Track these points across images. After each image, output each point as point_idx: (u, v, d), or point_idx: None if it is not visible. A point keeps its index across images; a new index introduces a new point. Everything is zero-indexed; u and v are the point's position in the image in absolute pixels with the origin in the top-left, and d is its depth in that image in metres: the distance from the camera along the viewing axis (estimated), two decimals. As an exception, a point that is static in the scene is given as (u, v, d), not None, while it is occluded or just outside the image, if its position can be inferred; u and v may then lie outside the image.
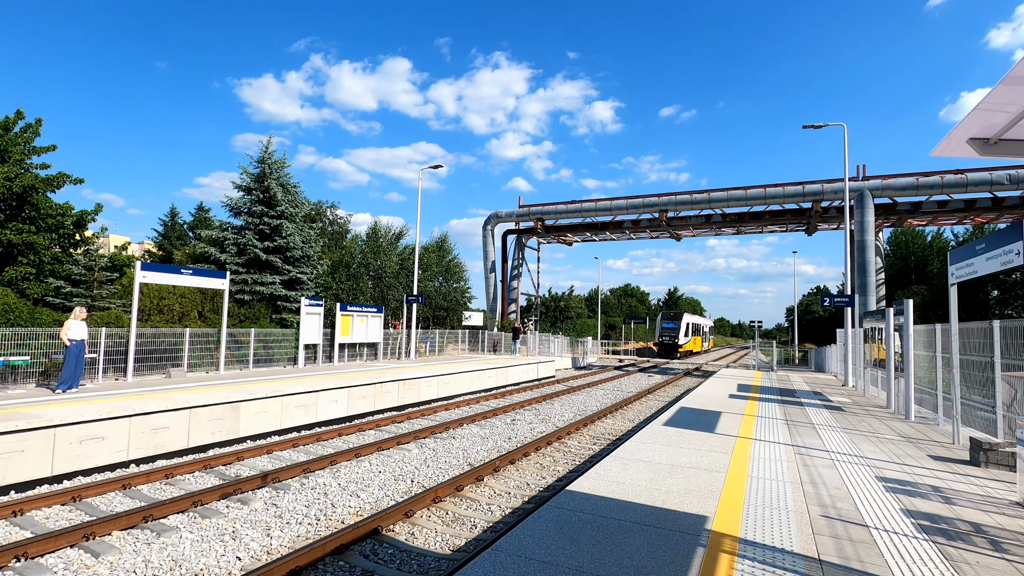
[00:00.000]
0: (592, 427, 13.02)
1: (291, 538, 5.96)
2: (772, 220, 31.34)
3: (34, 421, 7.49)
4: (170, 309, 17.96)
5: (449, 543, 5.99)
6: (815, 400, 14.38)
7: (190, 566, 5.19)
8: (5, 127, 17.28)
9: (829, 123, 20.14)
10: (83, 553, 5.38)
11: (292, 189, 24.02)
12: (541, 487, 8.16)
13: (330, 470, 8.50)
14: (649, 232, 36.66)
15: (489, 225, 37.72)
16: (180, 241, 39.15)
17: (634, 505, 5.20)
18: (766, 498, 5.51)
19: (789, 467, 6.85)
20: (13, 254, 16.58)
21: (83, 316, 10.92)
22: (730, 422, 10.20)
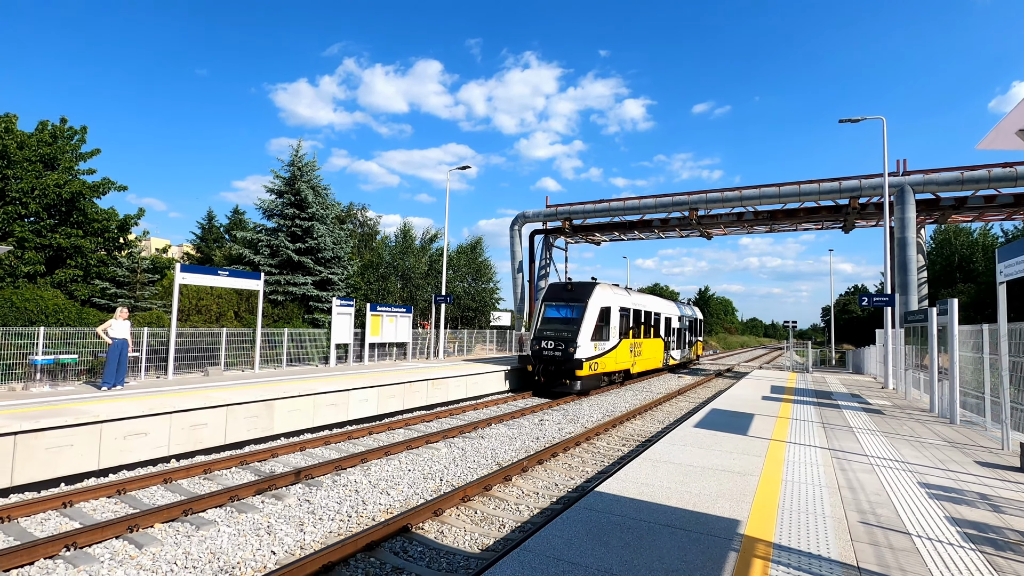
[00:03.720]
0: (621, 428, 12.90)
1: (323, 534, 6.08)
2: (807, 217, 30.48)
3: (82, 417, 7.82)
4: (208, 309, 18.52)
5: (478, 542, 6.02)
6: (853, 403, 13.94)
7: (227, 559, 5.34)
8: (53, 135, 18.10)
9: (867, 117, 19.49)
10: (128, 544, 5.59)
11: (322, 191, 24.49)
12: (569, 488, 8.12)
13: (361, 468, 8.63)
14: (679, 231, 36.04)
15: (516, 225, 37.77)
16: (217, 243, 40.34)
17: (664, 507, 5.13)
18: (801, 503, 5.37)
19: (826, 471, 6.66)
20: (62, 257, 17.35)
21: (125, 316, 11.35)
22: (763, 424, 9.97)
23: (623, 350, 19.51)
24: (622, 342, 19.35)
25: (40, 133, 17.79)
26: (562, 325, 17.49)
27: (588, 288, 18.08)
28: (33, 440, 7.29)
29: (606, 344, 18.07)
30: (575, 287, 18.28)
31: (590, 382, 17.54)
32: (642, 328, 21.86)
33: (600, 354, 17.67)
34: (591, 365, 17.06)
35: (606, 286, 18.79)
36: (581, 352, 16.72)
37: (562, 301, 18.11)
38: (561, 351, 16.81)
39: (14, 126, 17.17)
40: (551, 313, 18.23)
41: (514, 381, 19.03)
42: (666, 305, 26.94)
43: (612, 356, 18.57)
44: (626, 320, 19.77)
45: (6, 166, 16.16)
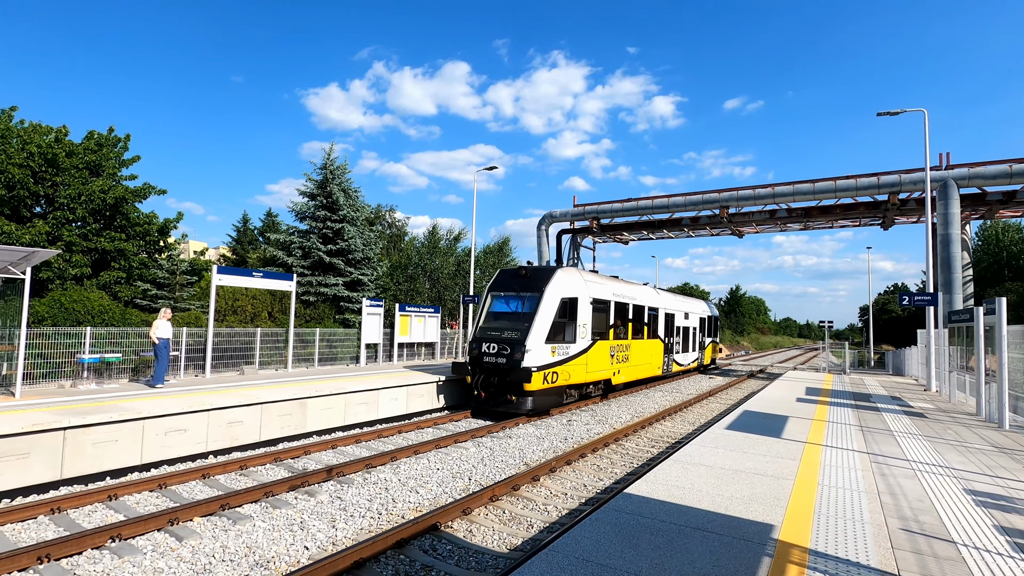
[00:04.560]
0: (650, 429, 12.75)
1: (354, 530, 6.18)
2: (843, 214, 29.56)
3: (126, 413, 8.14)
4: (243, 310, 19.04)
5: (506, 541, 6.03)
6: (893, 405, 13.47)
7: (263, 553, 5.48)
8: (99, 144, 18.88)
9: (907, 109, 18.80)
10: (169, 537, 5.79)
11: (353, 194, 24.90)
12: (598, 489, 8.07)
13: (391, 466, 8.75)
14: (709, 229, 35.38)
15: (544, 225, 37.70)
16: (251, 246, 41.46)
17: (695, 510, 5.05)
18: (839, 508, 5.21)
19: (864, 476, 6.45)
20: (107, 260, 18.08)
21: (168, 316, 11.76)
22: (798, 427, 9.72)
23: (599, 354, 15.08)
24: (597, 344, 14.91)
25: (87, 142, 18.59)
26: (509, 322, 13.32)
27: (546, 273, 13.83)
28: (81, 435, 7.62)
29: (571, 347, 13.67)
30: (530, 272, 14.02)
31: (546, 399, 13.18)
32: (631, 326, 17.51)
33: (561, 360, 13.30)
34: (548, 375, 12.80)
35: (573, 271, 14.70)
36: (532, 358, 12.44)
37: (512, 291, 13.82)
38: (505, 357, 12.54)
39: (64, 137, 17.99)
40: (498, 307, 14.02)
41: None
42: (667, 299, 22.57)
43: (581, 363, 14.12)
44: (603, 315, 15.49)
45: (55, 174, 16.92)
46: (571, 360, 13.76)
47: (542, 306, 13.10)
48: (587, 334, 14.41)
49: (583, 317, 14.21)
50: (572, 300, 13.84)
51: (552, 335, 13.08)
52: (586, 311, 14.38)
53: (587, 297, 14.51)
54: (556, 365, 13.17)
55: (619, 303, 16.67)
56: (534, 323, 12.83)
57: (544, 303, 13.16)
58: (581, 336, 14.09)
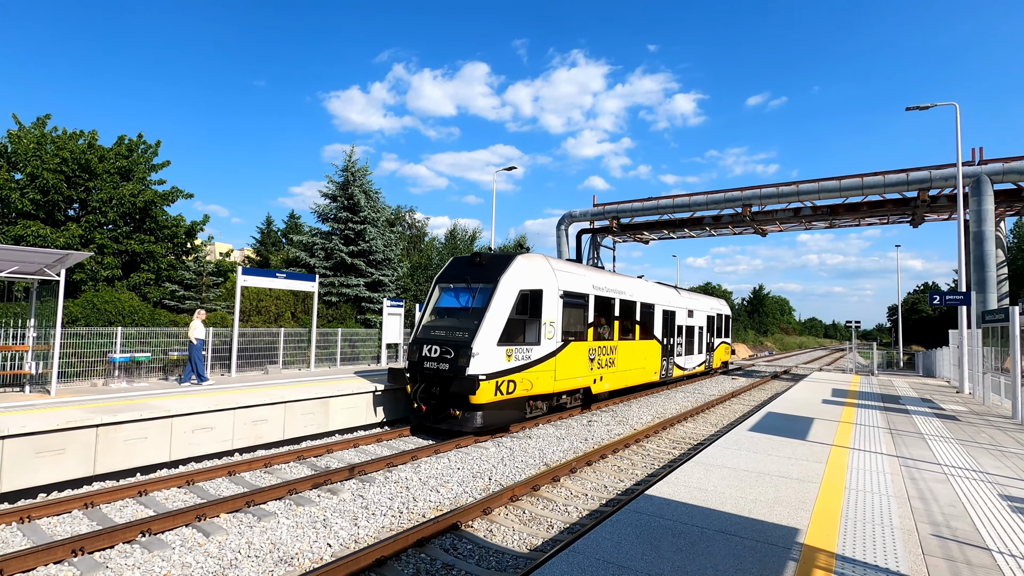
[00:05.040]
0: (672, 431, 12.62)
1: (376, 528, 6.24)
2: (870, 212, 28.87)
3: (155, 411, 8.35)
4: (267, 310, 19.38)
5: (526, 542, 6.03)
6: (923, 407, 13.11)
7: (287, 549, 5.57)
8: (130, 149, 19.40)
9: (938, 103, 18.29)
10: (196, 532, 5.92)
11: (374, 195, 25.16)
12: (619, 490, 8.02)
13: (411, 465, 8.81)
14: (731, 228, 34.86)
15: (563, 225, 37.60)
16: (275, 247, 42.18)
17: (718, 513, 4.98)
18: (867, 512, 5.09)
19: (893, 480, 6.29)
20: (136, 262, 18.57)
21: (202, 317, 12.06)
22: (824, 429, 9.52)
23: (573, 358, 12.80)
24: (570, 346, 12.64)
25: (118, 147, 19.12)
26: (455, 320, 11.24)
27: (503, 261, 11.66)
28: (113, 432, 7.84)
29: (534, 350, 11.44)
30: (485, 259, 11.85)
31: (499, 413, 10.85)
32: (618, 325, 15.27)
33: (520, 366, 11.08)
34: (501, 385, 10.64)
35: (537, 257, 12.42)
36: (479, 364, 10.25)
37: (462, 282, 11.67)
38: (448, 362, 10.45)
39: (95, 142, 18.53)
40: (446, 301, 11.79)
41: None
42: (665, 294, 19.89)
43: (547, 369, 11.86)
44: (579, 311, 13.29)
45: (88, 179, 17.44)
46: (534, 366, 11.44)
47: (495, 300, 10.80)
48: (556, 334, 12.15)
49: (550, 313, 11.96)
50: (535, 293, 11.59)
51: (508, 335, 10.81)
52: (554, 306, 12.13)
53: (556, 289, 12.22)
54: (513, 372, 10.88)
55: (601, 298, 14.44)
56: (484, 321, 10.52)
57: (498, 296, 10.85)
58: (548, 336, 11.84)
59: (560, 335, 12.32)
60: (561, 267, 13.12)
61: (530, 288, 11.51)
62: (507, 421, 11.19)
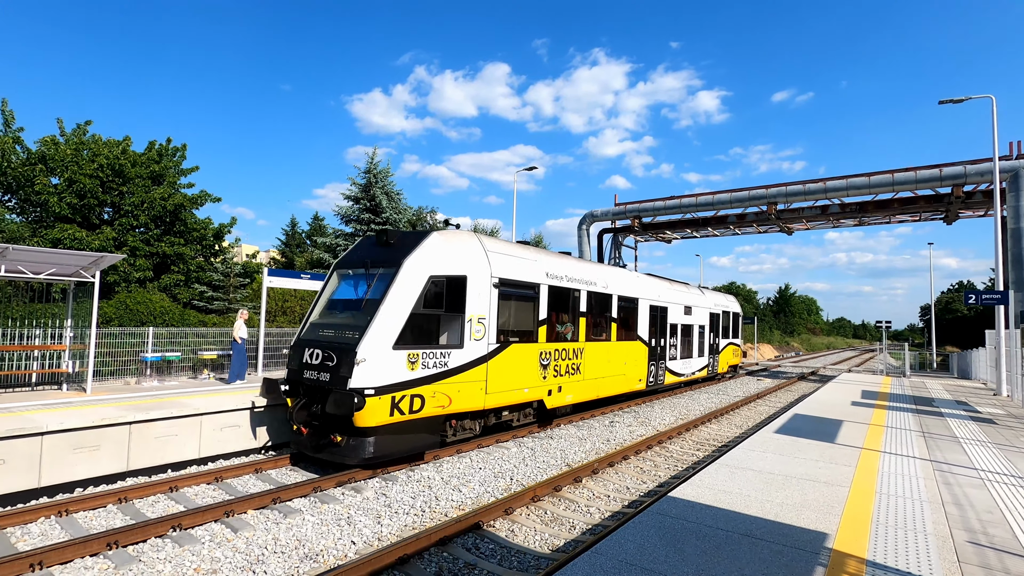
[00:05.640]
0: (695, 432, 12.46)
1: (399, 527, 6.30)
2: (901, 209, 28.07)
3: (185, 409, 8.56)
4: (292, 311, 19.71)
5: (548, 542, 6.02)
6: (958, 410, 12.71)
7: (312, 546, 5.66)
8: (160, 154, 19.95)
9: (972, 96, 17.71)
10: (224, 528, 6.06)
11: (395, 197, 25.41)
12: (641, 492, 7.95)
13: (433, 464, 8.87)
14: (756, 227, 34.27)
15: (584, 225, 37.45)
16: (299, 248, 42.89)
17: (743, 516, 4.90)
18: (898, 517, 4.96)
19: (927, 484, 6.11)
20: (167, 264, 19.08)
21: (245, 317, 12.30)
22: (853, 432, 9.30)
23: (514, 364, 10.24)
24: (511, 349, 10.12)
25: (149, 152, 19.68)
26: (347, 316, 8.90)
27: (412, 239, 9.16)
28: (146, 430, 8.06)
29: (453, 354, 8.93)
30: (393, 237, 9.23)
31: (398, 440, 8.33)
32: (584, 322, 12.59)
33: (431, 376, 8.52)
34: (401, 402, 8.09)
35: (461, 235, 9.88)
36: (366, 373, 7.75)
37: (362, 267, 9.24)
38: (329, 372, 8.06)
39: (128, 148, 19.11)
40: (342, 291, 9.48)
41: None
42: (653, 286, 16.84)
43: (474, 378, 9.34)
44: (527, 305, 10.77)
45: (121, 183, 17.99)
46: (453, 375, 8.89)
47: (394, 289, 8.26)
48: (488, 333, 9.62)
49: (478, 306, 9.41)
50: (455, 280, 9.04)
51: (411, 336, 8.35)
52: (485, 298, 9.56)
53: (487, 276, 9.64)
54: (419, 384, 8.32)
55: (560, 289, 11.67)
56: (375, 317, 8.00)
57: (398, 285, 8.31)
58: (474, 337, 9.33)
59: (495, 335, 9.74)
60: (499, 248, 10.42)
61: (447, 274, 8.92)
62: (413, 448, 8.56)
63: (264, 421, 9.74)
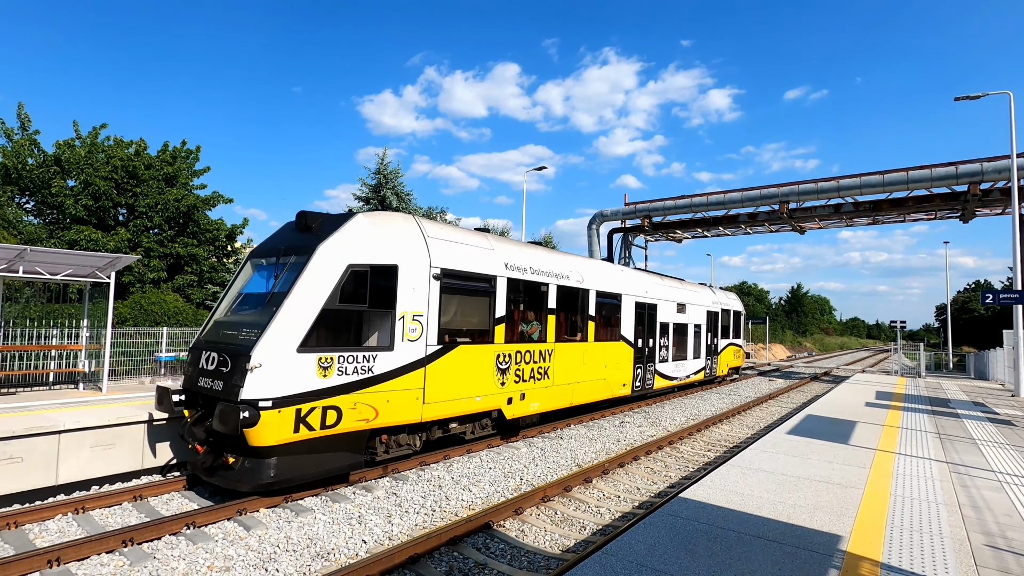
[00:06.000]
0: (706, 433, 12.39)
1: (409, 526, 6.32)
2: (917, 207, 27.67)
3: (198, 408, 8.63)
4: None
5: (558, 543, 6.01)
6: (975, 411, 12.51)
7: (323, 545, 5.70)
8: (174, 156, 20.19)
9: (989, 92, 17.43)
10: (238, 526, 6.11)
11: (406, 197, 25.51)
12: (652, 492, 7.91)
13: (444, 464, 8.89)
14: (768, 225, 33.95)
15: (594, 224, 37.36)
16: (311, 249, 43.15)
17: (755, 518, 4.86)
18: (914, 520, 4.89)
19: (943, 487, 6.03)
20: (180, 265, 19.30)
21: None
22: (867, 433, 9.19)
23: (460, 369, 8.89)
24: (457, 351, 8.81)
25: (163, 154, 19.93)
26: (253, 313, 7.47)
27: (331, 222, 7.79)
28: (161, 429, 8.15)
29: (380, 358, 7.60)
30: (313, 220, 7.76)
31: (307, 461, 7.00)
32: (554, 320, 11.20)
33: (350, 384, 7.22)
34: (310, 415, 6.81)
35: (394, 219, 8.47)
36: (261, 381, 6.49)
37: (275, 255, 7.86)
38: (223, 380, 6.76)
39: (143, 150, 19.36)
40: (253, 283, 8.06)
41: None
42: (640, 280, 15.50)
43: (408, 386, 7.94)
44: (477, 300, 9.49)
45: (136, 185, 18.23)
46: (381, 382, 7.52)
47: (302, 281, 6.95)
48: (427, 333, 8.24)
49: (413, 302, 8.04)
50: (382, 271, 7.67)
51: (322, 336, 7.04)
52: (423, 291, 8.21)
53: (426, 266, 8.29)
54: (335, 393, 6.98)
55: (521, 282, 10.30)
56: (277, 314, 6.72)
57: (307, 276, 7.00)
58: (409, 337, 7.96)
59: (436, 335, 8.39)
60: (443, 234, 8.99)
61: (371, 263, 7.54)
62: (329, 470, 7.15)
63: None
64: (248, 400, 6.33)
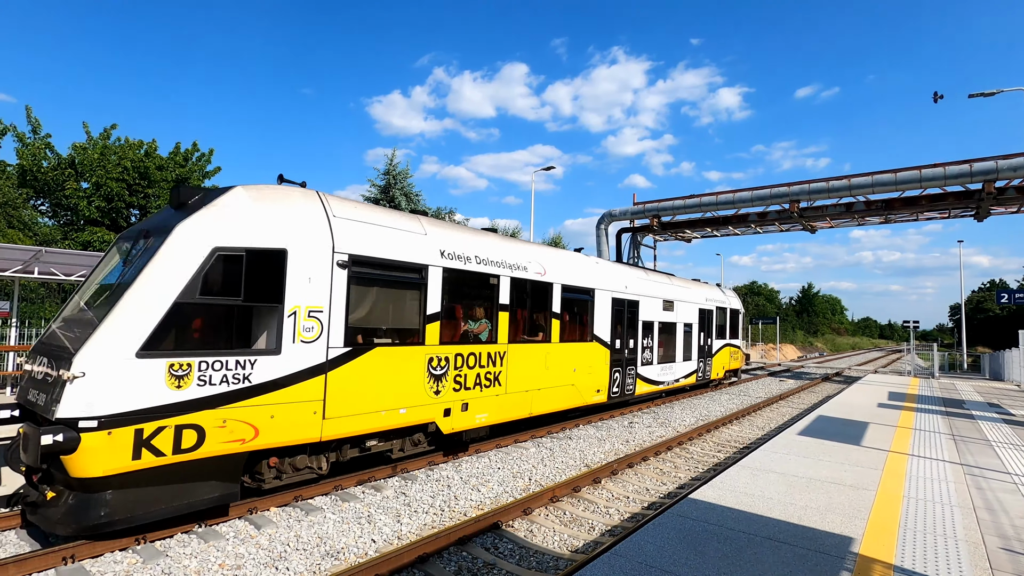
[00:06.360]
0: (716, 434, 12.32)
1: (418, 526, 6.34)
2: (929, 205, 27.33)
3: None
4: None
5: (567, 543, 6.00)
6: (990, 413, 12.35)
7: (333, 544, 5.73)
8: (186, 157, 20.40)
9: (1004, 89, 17.18)
10: (248, 525, 6.16)
11: (414, 197, 25.62)
12: (661, 493, 7.88)
13: (452, 464, 8.91)
14: (778, 225, 33.69)
15: (603, 224, 37.29)
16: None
17: (765, 519, 4.83)
18: (927, 522, 4.83)
19: (957, 489, 5.95)
20: (192, 265, 19.54)
21: None
22: (880, 434, 9.10)
23: (376, 375, 7.39)
24: (372, 353, 7.31)
25: (175, 156, 20.14)
26: (90, 310, 6.17)
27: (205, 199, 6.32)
28: (171, 427, 8.22)
29: (262, 363, 6.14)
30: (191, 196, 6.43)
31: (148, 497, 5.47)
32: (507, 318, 9.65)
33: (212, 398, 5.72)
34: (157, 437, 5.34)
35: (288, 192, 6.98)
36: (82, 396, 4.99)
37: (141, 237, 6.37)
38: (45, 391, 5.36)
39: (154, 151, 19.58)
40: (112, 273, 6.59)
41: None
42: (619, 274, 13.85)
43: (301, 397, 6.49)
44: (402, 294, 8.05)
45: (147, 186, 18.44)
46: (262, 393, 6.12)
47: (150, 268, 5.60)
48: (328, 332, 6.74)
49: (309, 295, 6.58)
50: (265, 256, 6.26)
51: (176, 336, 5.81)
52: (323, 282, 6.72)
53: (327, 252, 6.81)
54: (195, 408, 5.62)
55: (463, 273, 8.83)
56: (114, 308, 5.39)
57: (158, 261, 5.65)
58: (303, 337, 6.50)
59: (342, 335, 6.87)
60: (354, 213, 7.39)
61: (248, 246, 6.12)
62: (189, 504, 5.74)
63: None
64: (64, 420, 4.92)
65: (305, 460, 6.99)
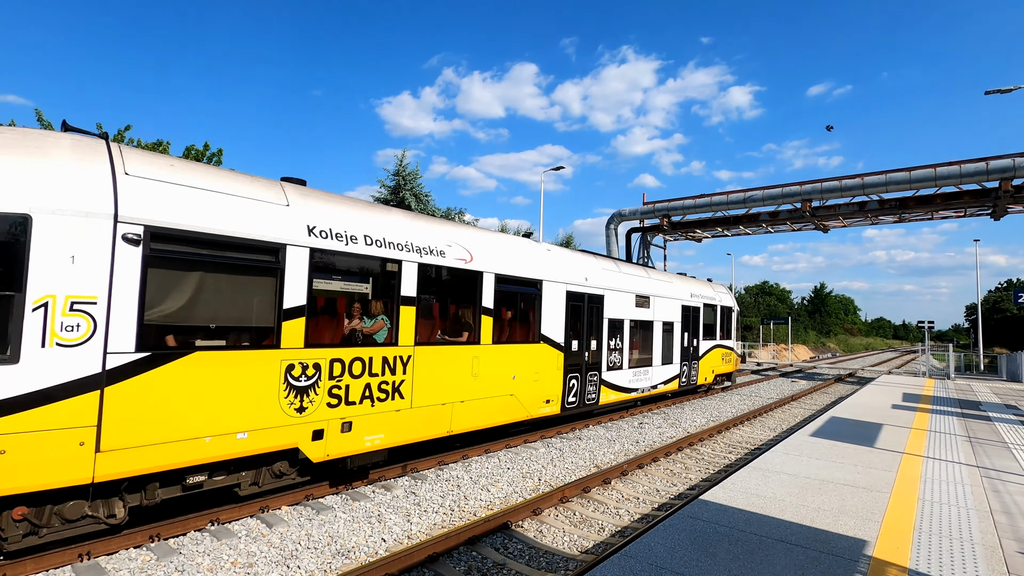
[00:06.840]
0: (727, 435, 12.23)
1: (428, 525, 6.36)
2: (945, 204, 26.93)
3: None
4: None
5: (577, 544, 5.99)
6: (1008, 415, 12.15)
7: (343, 543, 5.76)
8: (196, 159, 20.65)
9: (1021, 85, 16.90)
10: (260, 524, 6.21)
11: (424, 198, 25.69)
12: (672, 494, 7.84)
13: (462, 464, 8.93)
14: (790, 224, 33.38)
15: (612, 224, 37.17)
16: (330, 250, 43.64)
17: (777, 521, 4.79)
18: (943, 526, 4.77)
19: (973, 491, 5.86)
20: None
21: None
22: (894, 436, 8.99)
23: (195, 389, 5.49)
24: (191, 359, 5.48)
25: (186, 157, 20.40)
26: None
27: None
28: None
29: None
30: None
31: None
32: (415, 312, 7.82)
33: None
34: None
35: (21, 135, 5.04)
36: None
37: None
38: None
39: (166, 152, 19.84)
40: None
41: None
42: (579, 265, 11.88)
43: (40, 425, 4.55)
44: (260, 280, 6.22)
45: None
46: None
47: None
48: (106, 331, 5.01)
49: (73, 280, 4.85)
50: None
51: None
52: (96, 262, 4.99)
53: (106, 220, 5.05)
54: None
55: (340, 256, 6.98)
56: None
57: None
58: (62, 339, 4.76)
59: (134, 335, 5.18)
60: (162, 173, 5.63)
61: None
62: None
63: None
64: None
65: (82, 507, 5.13)
